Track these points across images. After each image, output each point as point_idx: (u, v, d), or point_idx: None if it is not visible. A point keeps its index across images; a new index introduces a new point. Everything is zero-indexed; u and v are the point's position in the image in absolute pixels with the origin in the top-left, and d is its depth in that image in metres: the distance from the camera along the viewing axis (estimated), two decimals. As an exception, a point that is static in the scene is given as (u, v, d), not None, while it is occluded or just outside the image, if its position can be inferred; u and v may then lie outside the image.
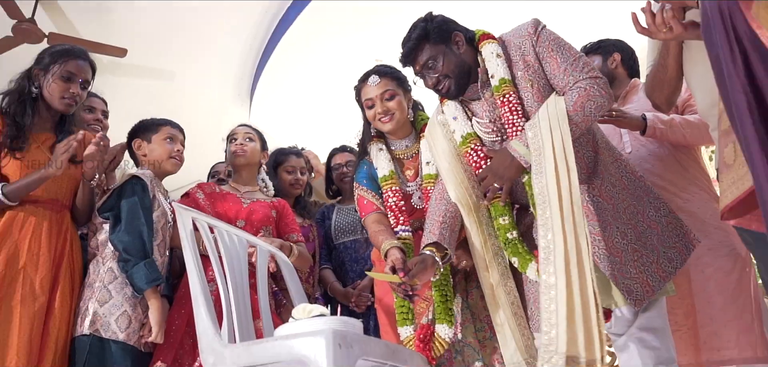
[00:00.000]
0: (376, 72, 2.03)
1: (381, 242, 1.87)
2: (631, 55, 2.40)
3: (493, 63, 1.76)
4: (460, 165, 1.84)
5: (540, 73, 1.75)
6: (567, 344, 1.40)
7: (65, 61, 2.02)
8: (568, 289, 1.45)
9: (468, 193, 1.80)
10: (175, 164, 2.24)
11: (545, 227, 1.54)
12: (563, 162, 1.57)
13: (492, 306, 1.75)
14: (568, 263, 1.47)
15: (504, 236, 1.75)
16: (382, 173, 2.02)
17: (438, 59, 1.78)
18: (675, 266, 1.72)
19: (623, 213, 1.72)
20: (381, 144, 2.08)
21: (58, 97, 2.00)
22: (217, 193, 2.35)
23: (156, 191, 2.12)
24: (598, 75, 1.69)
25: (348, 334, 1.20)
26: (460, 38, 1.81)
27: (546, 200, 1.56)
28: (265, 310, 1.77)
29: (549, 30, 1.77)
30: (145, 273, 1.90)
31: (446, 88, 1.80)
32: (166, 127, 2.25)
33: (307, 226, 2.70)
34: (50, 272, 1.91)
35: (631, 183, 1.79)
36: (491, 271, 1.74)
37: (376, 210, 2.01)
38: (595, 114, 1.68)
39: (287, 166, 2.73)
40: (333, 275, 2.66)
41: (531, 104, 1.73)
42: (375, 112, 2.00)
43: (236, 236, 1.70)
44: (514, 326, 1.69)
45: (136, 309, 1.93)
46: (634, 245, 1.68)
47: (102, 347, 1.86)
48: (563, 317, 1.42)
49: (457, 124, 1.86)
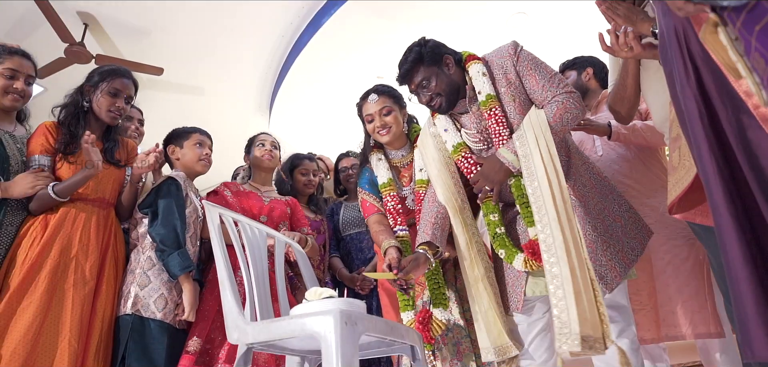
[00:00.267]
0: (375, 91, 2.03)
1: (381, 241, 1.89)
2: (602, 69, 2.40)
3: (479, 81, 1.76)
4: (448, 171, 1.83)
5: (521, 89, 1.75)
6: (579, 324, 1.38)
7: (112, 79, 2.03)
8: (572, 274, 1.44)
9: (454, 196, 1.79)
10: (205, 166, 2.24)
11: (543, 223, 1.53)
12: (551, 165, 1.58)
13: (473, 297, 1.73)
14: (568, 253, 1.46)
15: (493, 230, 1.75)
16: (381, 181, 2.03)
17: (431, 80, 1.77)
18: (637, 253, 1.73)
19: (593, 209, 1.72)
20: (380, 154, 2.08)
21: (105, 110, 2.00)
22: (242, 191, 2.35)
23: (188, 190, 2.12)
24: (572, 90, 1.70)
25: (353, 313, 1.20)
26: (450, 60, 1.80)
27: (541, 199, 1.55)
28: (282, 293, 1.77)
29: (527, 51, 1.78)
30: (179, 261, 1.92)
31: (438, 104, 1.80)
32: (195, 134, 2.25)
33: (318, 220, 2.71)
34: (98, 260, 1.92)
35: (597, 183, 1.79)
36: (476, 266, 1.72)
37: (377, 211, 2.02)
38: (571, 124, 1.69)
39: (301, 169, 2.74)
40: (340, 263, 2.67)
41: (514, 116, 1.73)
42: (374, 126, 2.00)
43: (257, 229, 1.70)
44: (499, 313, 1.66)
45: (171, 292, 1.95)
46: (603, 236, 1.68)
47: (142, 324, 1.87)
48: (572, 300, 1.41)
49: (448, 135, 1.86)
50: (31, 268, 1.76)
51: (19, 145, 1.95)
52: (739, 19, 0.61)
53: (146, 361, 1.83)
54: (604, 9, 1.52)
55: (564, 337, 1.40)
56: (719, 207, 0.82)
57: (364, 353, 1.59)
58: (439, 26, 4.53)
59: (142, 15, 4.57)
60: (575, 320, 1.39)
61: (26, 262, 1.76)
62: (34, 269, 1.77)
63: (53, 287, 1.77)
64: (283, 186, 2.65)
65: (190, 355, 1.93)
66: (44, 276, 1.76)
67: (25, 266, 1.76)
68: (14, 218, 1.87)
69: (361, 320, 1.21)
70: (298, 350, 1.55)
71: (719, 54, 0.66)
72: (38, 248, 1.80)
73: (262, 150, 2.41)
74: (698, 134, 0.86)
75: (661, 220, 1.99)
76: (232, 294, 1.41)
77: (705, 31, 0.67)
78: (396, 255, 1.76)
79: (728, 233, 0.80)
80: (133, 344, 1.84)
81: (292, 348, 1.53)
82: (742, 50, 0.63)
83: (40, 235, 1.83)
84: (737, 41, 0.64)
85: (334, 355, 1.10)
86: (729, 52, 0.64)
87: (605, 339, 1.41)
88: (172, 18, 4.61)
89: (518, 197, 1.69)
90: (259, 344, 1.34)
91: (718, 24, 0.65)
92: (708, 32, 0.66)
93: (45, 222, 1.86)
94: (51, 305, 1.75)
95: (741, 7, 0.60)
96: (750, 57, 0.61)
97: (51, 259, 1.80)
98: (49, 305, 1.74)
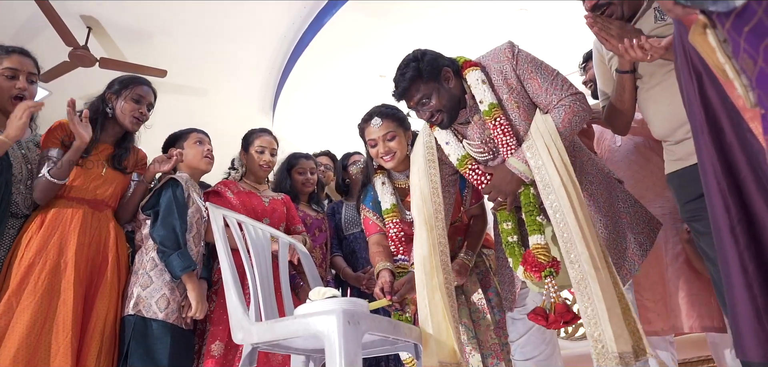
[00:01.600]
0: (378, 114, 1.94)
1: (376, 263, 1.88)
2: None
3: (479, 89, 1.69)
4: (428, 179, 1.75)
5: (523, 94, 1.69)
6: (615, 342, 1.32)
7: (135, 86, 2.08)
8: (603, 290, 1.38)
9: (426, 204, 1.71)
10: (209, 162, 2.25)
11: (564, 238, 1.47)
12: (566, 175, 1.53)
13: (427, 306, 1.58)
14: (596, 267, 1.41)
15: (505, 239, 1.71)
16: (384, 206, 1.97)
17: (432, 96, 1.70)
18: (645, 248, 1.72)
19: (603, 206, 1.70)
20: (384, 177, 2.02)
21: (129, 115, 2.04)
22: (243, 191, 2.35)
23: (190, 190, 2.13)
24: (577, 91, 1.66)
25: (356, 312, 1.21)
26: (449, 72, 1.72)
27: (560, 211, 1.50)
28: (286, 292, 1.79)
29: (524, 52, 1.72)
30: (179, 262, 1.92)
31: (440, 120, 1.74)
32: (193, 134, 2.27)
33: (320, 218, 2.71)
34: (95, 260, 1.92)
35: (604, 178, 1.77)
36: (436, 274, 1.60)
37: (379, 231, 2.00)
38: (579, 126, 1.65)
39: (298, 169, 2.72)
40: (343, 262, 2.67)
41: (519, 123, 1.68)
42: (377, 151, 1.93)
43: (261, 230, 1.72)
44: (453, 327, 1.52)
45: (174, 292, 1.95)
46: (613, 234, 1.67)
47: (145, 325, 1.88)
48: (605, 317, 1.35)
49: (450, 148, 1.79)
50: (28, 269, 1.76)
51: (24, 150, 1.95)
52: (728, 20, 0.62)
53: (149, 361, 1.84)
54: (597, 30, 1.51)
55: (602, 358, 1.34)
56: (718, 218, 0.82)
57: (368, 351, 1.61)
58: (440, 25, 4.54)
59: (145, 18, 4.59)
60: (611, 338, 1.33)
61: (23, 263, 1.77)
62: (32, 270, 1.77)
63: (51, 287, 1.78)
64: (283, 184, 2.66)
65: (214, 359, 1.95)
66: (44, 277, 1.77)
67: (23, 267, 1.76)
68: (15, 221, 1.88)
69: (363, 319, 1.23)
70: (303, 350, 1.57)
71: (708, 55, 0.67)
72: (34, 248, 1.80)
73: (262, 159, 2.40)
74: (701, 141, 0.86)
75: (674, 211, 1.97)
76: (236, 295, 1.43)
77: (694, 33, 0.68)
78: (388, 279, 1.74)
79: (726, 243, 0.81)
80: (135, 345, 1.85)
81: (296, 348, 1.55)
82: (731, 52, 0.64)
83: (36, 236, 1.83)
84: (726, 43, 0.65)
85: (338, 354, 1.12)
86: (717, 53, 0.65)
87: (639, 353, 1.35)
88: (175, 20, 4.63)
89: (525, 204, 1.65)
90: (264, 343, 1.37)
91: (707, 25, 0.66)
92: (697, 34, 0.67)
93: (41, 223, 1.86)
94: (50, 305, 1.76)
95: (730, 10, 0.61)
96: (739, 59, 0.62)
97: (49, 259, 1.80)
98: (48, 305, 1.75)
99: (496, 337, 1.87)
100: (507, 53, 1.70)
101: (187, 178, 2.15)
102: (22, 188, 1.91)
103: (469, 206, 2.09)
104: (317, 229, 2.62)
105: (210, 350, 1.96)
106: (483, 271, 2.07)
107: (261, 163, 2.39)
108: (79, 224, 1.90)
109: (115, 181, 2.05)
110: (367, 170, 2.10)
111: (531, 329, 1.74)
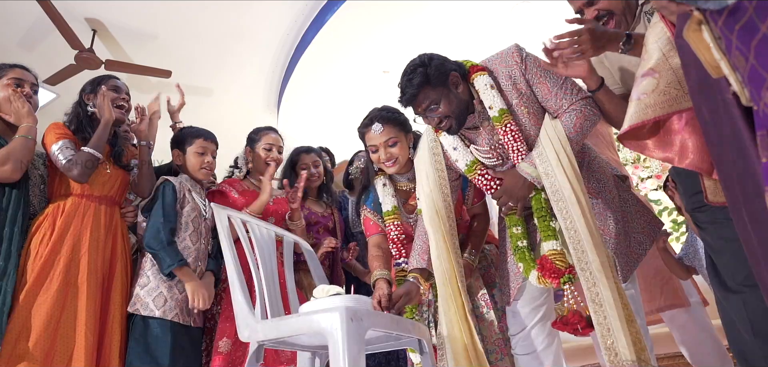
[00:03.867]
0: (379, 118, 1.89)
1: (374, 268, 1.86)
2: None
3: (488, 95, 1.66)
4: (440, 192, 1.75)
5: (532, 99, 1.66)
6: (628, 350, 1.33)
7: (108, 79, 2.17)
8: (614, 297, 1.39)
9: (442, 219, 1.71)
10: (206, 174, 2.24)
11: (575, 245, 1.47)
12: (576, 182, 1.52)
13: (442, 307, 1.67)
14: (607, 276, 1.41)
15: (515, 243, 1.70)
16: (385, 209, 1.96)
17: (440, 103, 1.66)
18: (645, 248, 1.72)
19: (611, 202, 1.69)
20: (385, 179, 2.00)
21: (110, 104, 2.08)
22: (248, 190, 2.35)
23: (186, 191, 2.13)
24: (586, 95, 1.63)
25: (359, 309, 1.22)
26: (457, 77, 1.68)
27: (569, 218, 1.49)
28: (291, 290, 1.80)
29: (532, 55, 1.68)
30: (167, 260, 1.94)
31: (448, 126, 1.70)
32: (198, 140, 2.24)
33: (327, 216, 2.71)
34: (108, 255, 1.99)
35: (610, 175, 1.76)
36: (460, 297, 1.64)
37: (379, 232, 1.98)
38: (589, 131, 1.63)
39: (301, 164, 2.72)
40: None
41: (529, 128, 1.66)
42: (379, 157, 1.90)
43: (266, 229, 1.73)
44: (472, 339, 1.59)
45: (171, 289, 1.97)
46: (621, 231, 1.66)
47: (145, 323, 1.92)
48: (618, 325, 1.36)
49: (458, 154, 1.77)
50: (44, 265, 1.82)
51: None
52: (721, 18, 0.62)
53: (149, 359, 1.86)
54: (571, 52, 1.46)
55: (612, 364, 1.35)
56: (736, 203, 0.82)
57: (373, 347, 1.62)
58: (441, 19, 4.53)
59: (149, 19, 4.61)
60: (624, 345, 1.33)
61: (38, 259, 1.82)
62: (48, 266, 1.82)
63: (67, 282, 1.83)
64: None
65: (221, 355, 1.96)
66: (58, 272, 1.82)
67: (38, 263, 1.81)
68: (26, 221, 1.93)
69: (366, 316, 1.24)
70: (309, 346, 1.59)
71: (702, 52, 0.67)
72: (49, 245, 1.85)
73: (270, 157, 2.38)
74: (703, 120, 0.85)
75: None
76: (241, 293, 1.44)
77: (688, 29, 0.68)
78: (385, 291, 1.72)
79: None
80: (134, 343, 1.88)
81: (302, 344, 1.56)
82: (724, 48, 0.64)
83: (49, 232, 1.88)
84: (720, 40, 0.65)
85: (341, 350, 1.13)
86: (712, 50, 0.65)
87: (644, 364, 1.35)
88: (179, 21, 4.65)
89: (537, 209, 1.64)
90: (270, 341, 1.38)
91: (702, 22, 0.66)
92: (691, 30, 0.67)
93: (53, 220, 1.91)
94: (67, 300, 1.81)
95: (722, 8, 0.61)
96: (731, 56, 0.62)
97: (63, 255, 1.86)
98: (65, 300, 1.81)
99: (499, 332, 1.88)
100: (515, 57, 1.67)
101: (183, 179, 2.16)
102: (37, 191, 2.01)
103: (471, 205, 2.08)
104: (322, 227, 2.59)
105: (217, 346, 1.98)
106: (485, 266, 2.07)
107: (268, 161, 2.40)
108: (91, 220, 1.96)
109: (119, 177, 2.12)
110: (367, 173, 2.07)
111: (531, 323, 1.74)
